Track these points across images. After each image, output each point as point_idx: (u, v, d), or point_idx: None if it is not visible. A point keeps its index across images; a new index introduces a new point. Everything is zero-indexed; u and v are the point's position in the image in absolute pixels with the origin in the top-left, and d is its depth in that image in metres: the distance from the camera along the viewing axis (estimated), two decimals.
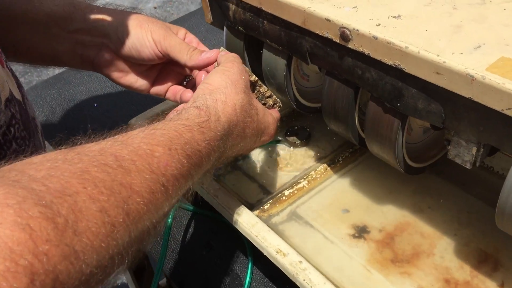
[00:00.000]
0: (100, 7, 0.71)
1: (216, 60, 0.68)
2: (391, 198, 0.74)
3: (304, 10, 0.62)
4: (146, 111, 0.87)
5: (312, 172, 0.78)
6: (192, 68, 0.73)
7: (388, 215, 0.72)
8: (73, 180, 0.37)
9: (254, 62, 0.79)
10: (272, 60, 0.73)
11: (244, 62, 0.79)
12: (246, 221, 0.67)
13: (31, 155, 0.40)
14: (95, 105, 1.07)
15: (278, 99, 0.72)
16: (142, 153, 0.45)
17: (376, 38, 0.55)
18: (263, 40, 0.73)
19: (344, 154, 0.81)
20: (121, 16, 0.70)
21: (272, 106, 0.71)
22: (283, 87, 0.74)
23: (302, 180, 0.78)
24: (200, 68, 0.70)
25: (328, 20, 0.59)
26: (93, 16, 0.69)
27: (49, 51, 0.70)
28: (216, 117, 0.56)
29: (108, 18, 0.69)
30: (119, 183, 0.41)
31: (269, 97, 0.71)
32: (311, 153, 0.82)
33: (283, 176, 0.79)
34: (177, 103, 0.74)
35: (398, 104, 0.58)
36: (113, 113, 1.04)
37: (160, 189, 0.45)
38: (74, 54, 0.70)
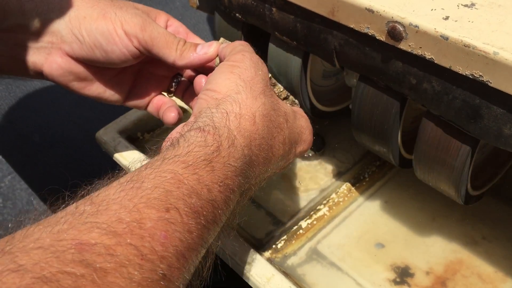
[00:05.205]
0: None
1: (217, 56, 0.51)
2: (435, 226, 0.59)
3: None
4: (123, 116, 0.69)
5: (333, 195, 0.63)
6: (183, 68, 0.56)
7: (434, 251, 0.57)
8: None
9: None
10: (282, 58, 0.56)
11: None
12: (258, 273, 0.51)
13: None
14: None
15: (295, 100, 0.56)
16: (124, 229, 0.30)
17: (447, 39, 0.39)
18: (269, 32, 0.55)
19: (370, 169, 0.65)
20: (75, 3, 0.50)
21: None
22: (297, 91, 0.57)
23: (322, 206, 0.62)
24: (195, 68, 0.53)
25: (370, 10, 0.43)
26: (34, 7, 0.50)
27: None
28: (229, 141, 0.40)
29: (56, 8, 0.50)
30: None
31: (286, 98, 0.56)
32: (328, 167, 0.66)
33: (296, 200, 0.63)
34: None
35: (472, 127, 0.42)
36: (79, 116, 0.86)
37: (159, 286, 0.30)
38: (14, 60, 0.52)
